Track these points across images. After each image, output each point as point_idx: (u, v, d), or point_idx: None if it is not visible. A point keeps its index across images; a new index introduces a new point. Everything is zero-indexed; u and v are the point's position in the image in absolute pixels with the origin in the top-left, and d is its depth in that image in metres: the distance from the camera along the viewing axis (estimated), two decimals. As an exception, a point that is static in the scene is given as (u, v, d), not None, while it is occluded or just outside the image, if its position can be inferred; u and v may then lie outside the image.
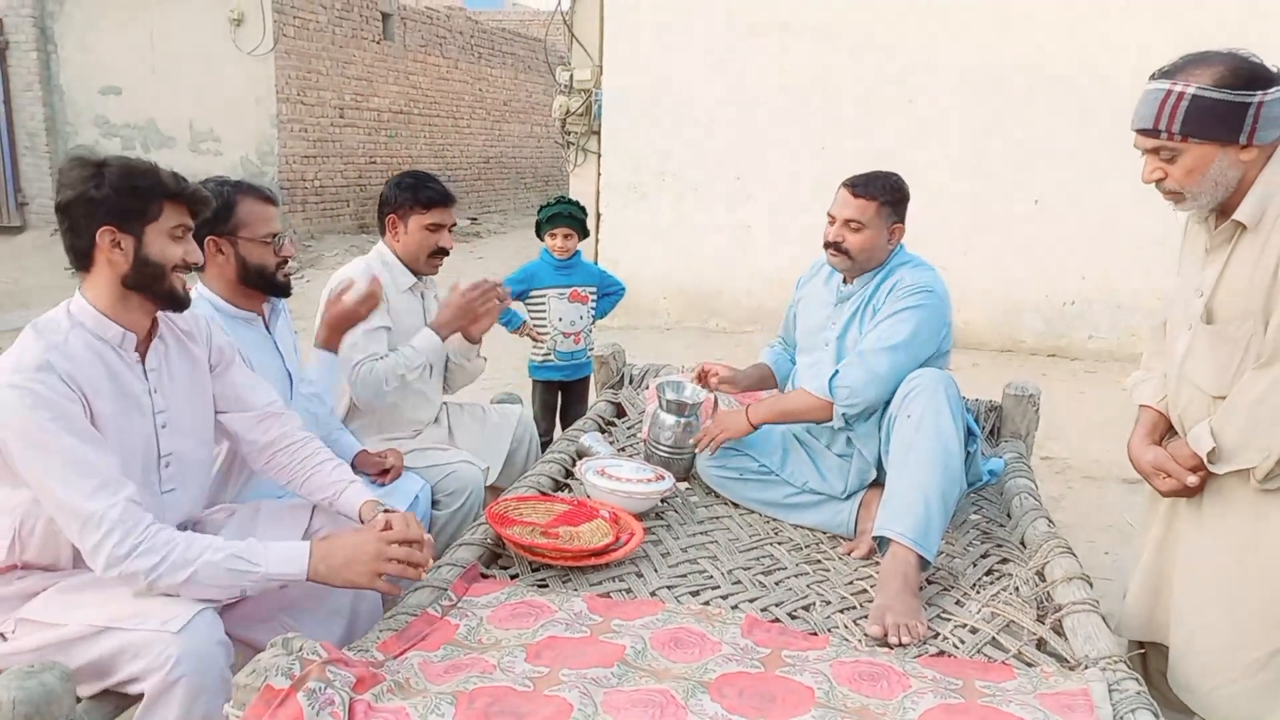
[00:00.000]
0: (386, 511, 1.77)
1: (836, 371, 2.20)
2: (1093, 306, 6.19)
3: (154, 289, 1.60)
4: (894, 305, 2.24)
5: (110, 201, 1.52)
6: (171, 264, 1.60)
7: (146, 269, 1.57)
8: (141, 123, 9.76)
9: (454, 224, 2.63)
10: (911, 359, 2.19)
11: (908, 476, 2.01)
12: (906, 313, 2.21)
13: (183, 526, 1.69)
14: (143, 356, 1.65)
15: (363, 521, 1.78)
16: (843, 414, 2.20)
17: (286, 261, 2.12)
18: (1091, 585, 1.85)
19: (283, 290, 2.14)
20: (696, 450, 2.45)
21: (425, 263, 2.59)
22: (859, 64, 6.34)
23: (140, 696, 1.50)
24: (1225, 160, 1.60)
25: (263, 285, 2.08)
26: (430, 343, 2.50)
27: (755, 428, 2.33)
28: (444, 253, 2.61)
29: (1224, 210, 1.67)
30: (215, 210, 1.95)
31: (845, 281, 2.40)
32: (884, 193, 2.28)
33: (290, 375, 2.22)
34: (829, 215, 2.34)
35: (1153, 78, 1.64)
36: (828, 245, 2.34)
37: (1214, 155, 1.59)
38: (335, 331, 2.31)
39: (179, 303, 1.65)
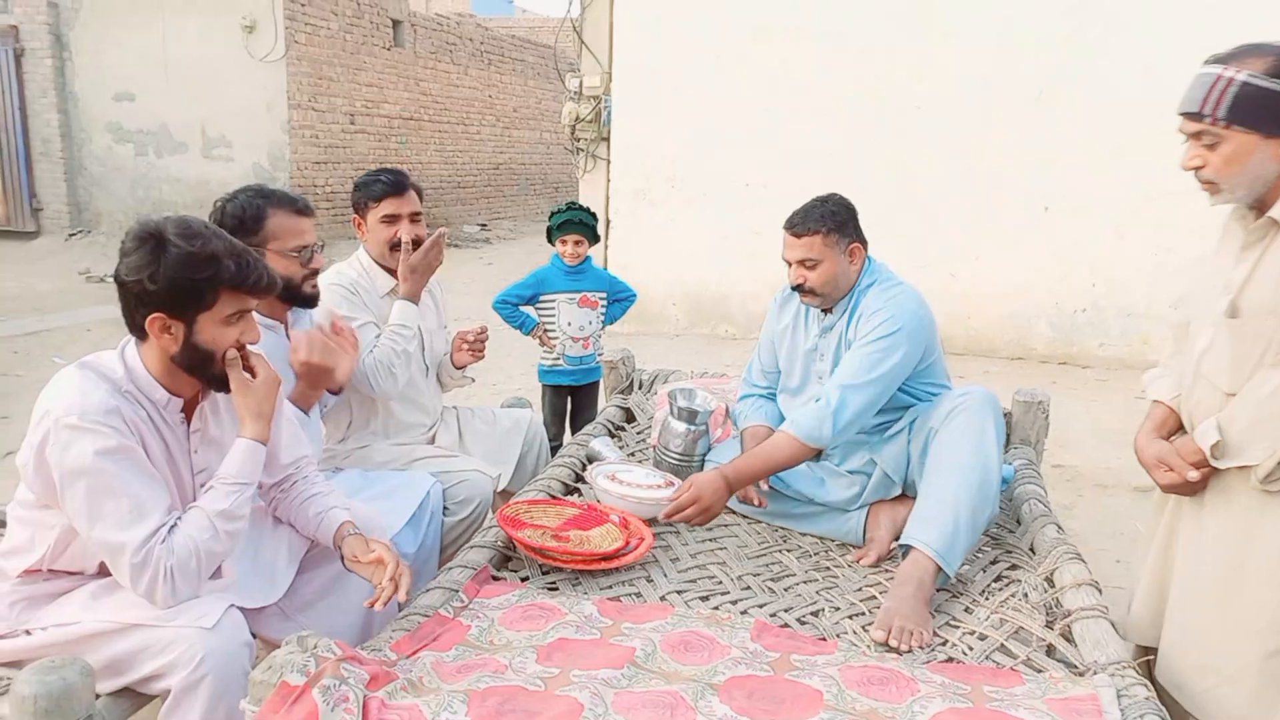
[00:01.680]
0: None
1: (834, 419, 2.10)
2: (1104, 314, 6.18)
3: (201, 372, 1.60)
4: (865, 333, 2.18)
5: (163, 295, 1.50)
6: (222, 350, 1.58)
7: (195, 354, 1.57)
8: (154, 128, 9.85)
9: (414, 213, 2.49)
10: (890, 387, 2.18)
11: (941, 489, 2.00)
12: (881, 343, 2.15)
13: None
14: (188, 416, 1.67)
15: (337, 546, 1.80)
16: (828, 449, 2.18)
17: (315, 274, 2.14)
18: (1101, 591, 1.85)
19: (308, 302, 2.15)
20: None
21: (392, 258, 2.50)
22: (866, 69, 6.36)
23: (157, 697, 1.52)
24: (1265, 153, 1.59)
25: (288, 297, 2.09)
26: (406, 312, 2.48)
27: (735, 491, 2.18)
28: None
29: (1262, 207, 1.66)
30: (244, 221, 1.97)
31: (825, 311, 2.36)
32: (823, 222, 2.21)
33: None
34: (784, 259, 2.30)
35: (1206, 62, 1.64)
36: (795, 289, 2.31)
37: (1254, 146, 1.59)
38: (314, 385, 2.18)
39: (224, 388, 1.64)
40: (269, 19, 9.29)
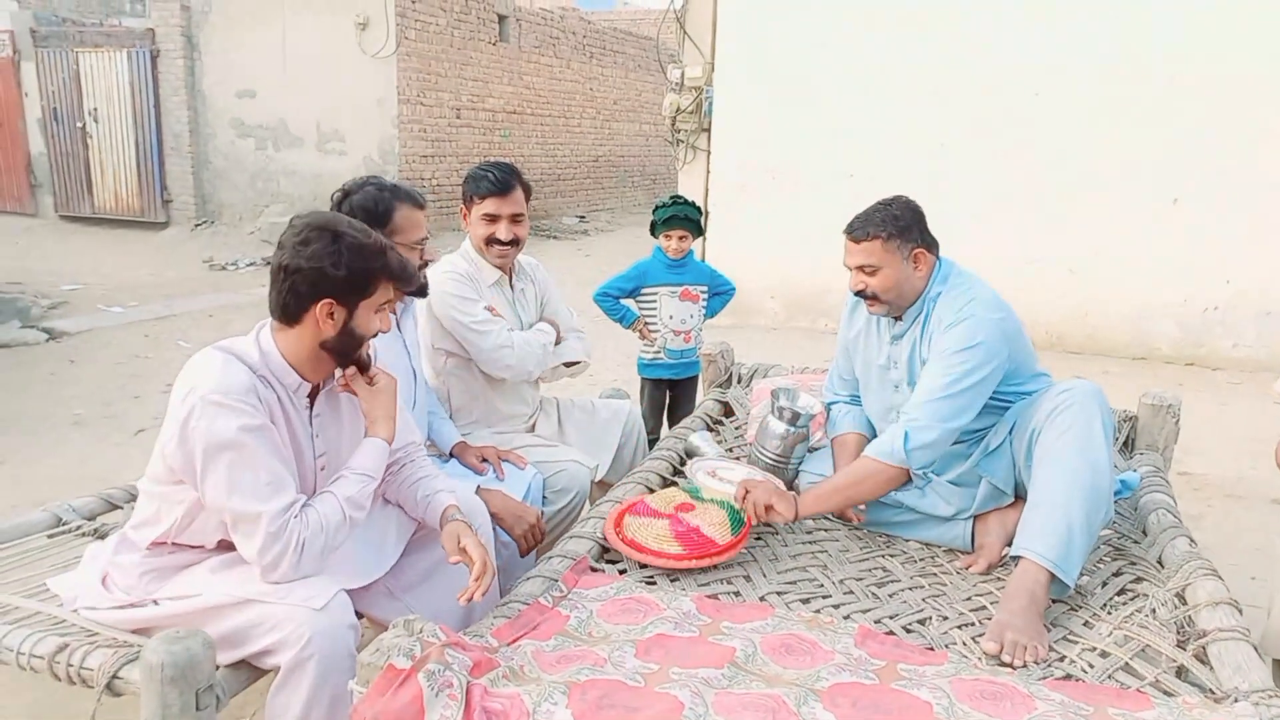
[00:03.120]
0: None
1: (906, 434, 2.01)
2: (1237, 313, 5.77)
3: (346, 356, 1.70)
4: (943, 348, 2.06)
5: (342, 281, 1.60)
6: (370, 335, 1.69)
7: (349, 339, 1.66)
8: (273, 124, 10.32)
9: (516, 214, 2.51)
10: (975, 403, 2.06)
11: (1050, 494, 1.89)
12: (960, 356, 2.02)
13: None
14: (310, 402, 1.74)
15: (442, 527, 1.83)
16: (919, 474, 2.11)
17: (426, 265, 2.20)
18: (1241, 611, 1.71)
19: (421, 292, 2.21)
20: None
21: (487, 253, 2.55)
22: (981, 56, 6.10)
23: (269, 671, 1.58)
24: None
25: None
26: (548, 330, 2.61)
27: (799, 517, 2.08)
28: (500, 243, 2.51)
29: None
30: (374, 213, 2.04)
31: (896, 318, 2.25)
32: (883, 226, 2.10)
33: (415, 373, 2.29)
34: (844, 265, 2.21)
35: None
36: (857, 294, 2.21)
37: None
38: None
39: (363, 368, 1.74)
40: (381, 16, 9.59)
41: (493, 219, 2.51)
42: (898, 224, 2.12)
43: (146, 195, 10.83)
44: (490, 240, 2.52)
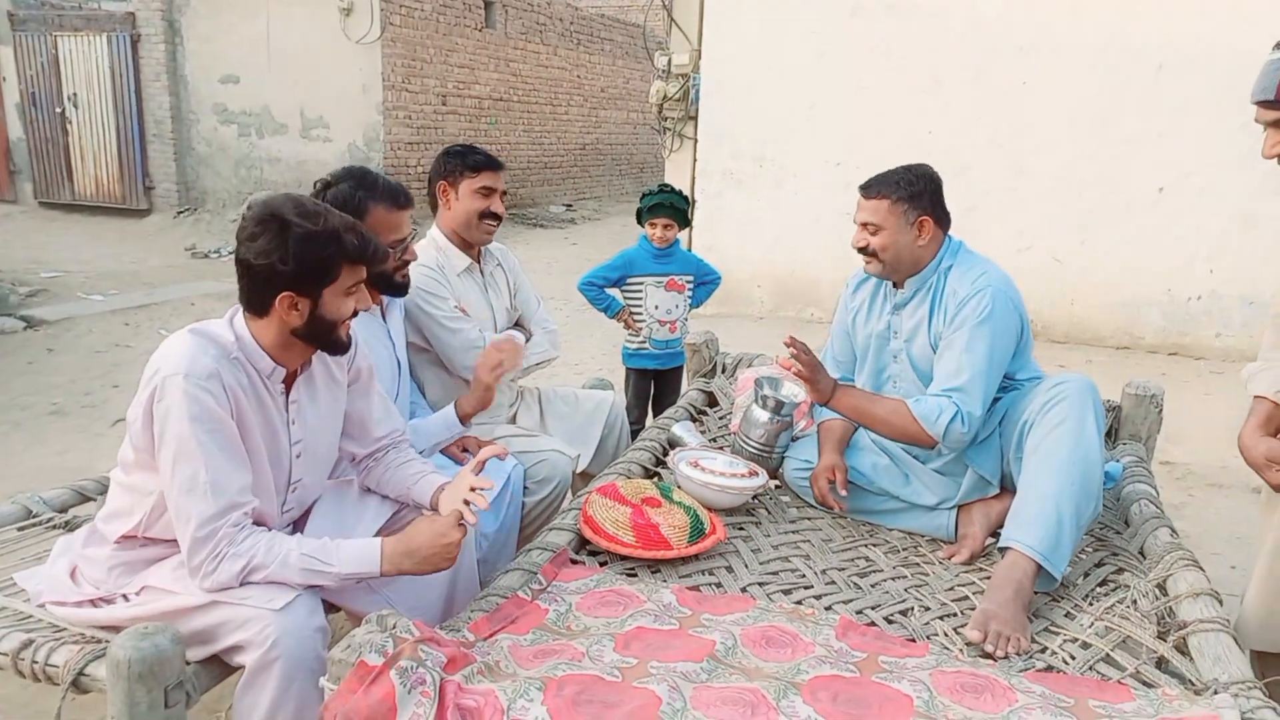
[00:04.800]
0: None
1: (960, 416, 2.03)
2: (1222, 302, 5.79)
3: (322, 340, 1.65)
4: (958, 324, 2.08)
5: (293, 274, 1.54)
6: (343, 319, 1.64)
7: (320, 325, 1.61)
8: (257, 110, 10.19)
9: (504, 190, 2.58)
10: (999, 374, 2.10)
11: (1041, 487, 1.88)
12: (977, 329, 2.05)
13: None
14: (287, 388, 1.69)
15: (433, 506, 1.81)
16: (940, 450, 2.13)
17: (407, 264, 2.16)
18: (1221, 602, 1.71)
19: (399, 291, 2.18)
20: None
21: (478, 228, 2.55)
22: (968, 44, 6.09)
23: (241, 667, 1.55)
24: None
25: (380, 285, 2.12)
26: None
27: (827, 404, 2.24)
28: (495, 217, 2.56)
29: None
30: (345, 211, 1.99)
31: (896, 286, 2.26)
32: (895, 188, 2.14)
33: (400, 364, 2.27)
34: (853, 221, 2.24)
35: (1276, 48, 1.58)
36: (859, 250, 2.23)
37: None
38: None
39: (342, 350, 1.69)
40: (365, 2, 9.48)
41: (489, 192, 2.53)
42: (910, 188, 2.15)
43: (128, 182, 10.69)
44: (485, 214, 2.53)
